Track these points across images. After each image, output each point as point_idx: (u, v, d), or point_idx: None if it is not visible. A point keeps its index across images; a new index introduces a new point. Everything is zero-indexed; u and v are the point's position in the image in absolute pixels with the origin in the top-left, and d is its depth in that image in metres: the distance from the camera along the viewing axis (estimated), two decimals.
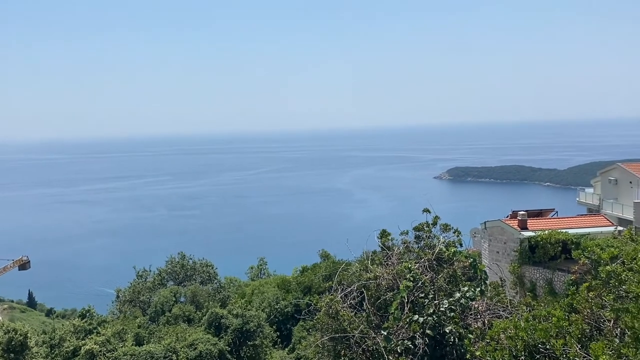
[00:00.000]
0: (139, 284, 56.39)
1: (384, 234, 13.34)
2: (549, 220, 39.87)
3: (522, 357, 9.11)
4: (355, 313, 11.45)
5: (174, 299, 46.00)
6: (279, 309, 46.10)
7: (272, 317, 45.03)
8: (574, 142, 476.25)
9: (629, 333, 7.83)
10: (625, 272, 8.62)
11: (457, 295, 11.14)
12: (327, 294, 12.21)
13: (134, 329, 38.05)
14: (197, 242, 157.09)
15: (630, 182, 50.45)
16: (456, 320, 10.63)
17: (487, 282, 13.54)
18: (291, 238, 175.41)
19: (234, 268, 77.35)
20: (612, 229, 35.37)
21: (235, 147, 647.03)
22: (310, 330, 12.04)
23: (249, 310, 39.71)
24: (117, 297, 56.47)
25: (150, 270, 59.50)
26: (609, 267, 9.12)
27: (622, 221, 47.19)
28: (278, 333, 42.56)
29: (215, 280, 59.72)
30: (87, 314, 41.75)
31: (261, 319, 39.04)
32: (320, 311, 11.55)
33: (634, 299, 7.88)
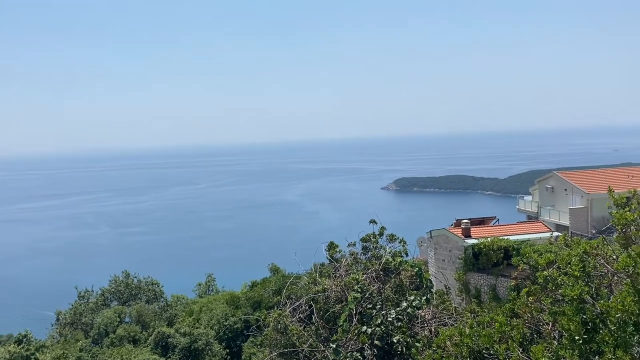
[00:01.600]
0: (80, 305, 54.06)
1: (331, 246, 13.40)
2: (491, 227, 41.26)
3: None
4: (304, 327, 11.41)
5: (118, 319, 44.39)
6: (228, 326, 45.30)
7: (221, 334, 44.24)
8: (514, 152, 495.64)
9: (565, 335, 8.16)
10: (561, 277, 8.99)
11: (404, 304, 11.31)
12: (275, 308, 12.13)
13: (75, 353, 36.41)
14: (142, 260, 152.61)
15: (566, 190, 52.95)
16: (403, 329, 10.77)
17: (433, 290, 13.81)
18: (240, 253, 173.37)
19: (181, 285, 75.45)
20: (550, 234, 36.93)
21: (182, 162, 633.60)
22: (259, 346, 11.90)
23: (197, 328, 38.86)
24: (57, 319, 53.85)
25: (93, 291, 57.25)
26: (546, 272, 9.50)
27: (559, 227, 49.38)
28: (227, 350, 41.83)
29: (162, 299, 58.15)
30: (24, 339, 39.61)
31: (210, 336, 38.26)
32: (268, 326, 11.44)
33: (569, 302, 8.23)
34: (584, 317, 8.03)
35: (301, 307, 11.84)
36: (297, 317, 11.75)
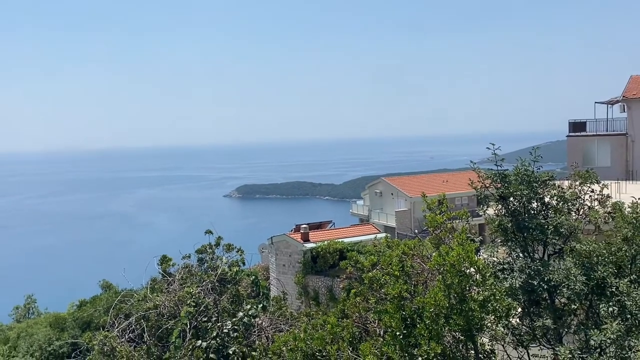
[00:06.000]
0: None
1: (164, 260, 12.85)
2: (328, 231, 43.15)
3: None
4: (135, 347, 10.75)
5: None
6: (51, 351, 41.11)
7: None
8: (347, 159, 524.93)
9: (388, 332, 8.78)
10: (383, 277, 9.68)
11: (240, 314, 11.25)
12: (102, 329, 11.25)
13: None
14: None
15: (392, 194, 57.57)
16: (240, 339, 10.70)
17: (270, 297, 13.97)
18: (67, 270, 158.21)
19: None
20: (376, 236, 39.73)
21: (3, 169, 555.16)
22: None
23: (13, 357, 34.60)
24: None
25: None
26: (370, 273, 10.16)
27: (387, 228, 53.43)
28: None
29: None
30: None
31: None
32: (94, 350, 10.57)
33: (391, 300, 8.87)
34: (404, 313, 8.71)
35: (131, 326, 11.13)
36: (127, 337, 11.02)
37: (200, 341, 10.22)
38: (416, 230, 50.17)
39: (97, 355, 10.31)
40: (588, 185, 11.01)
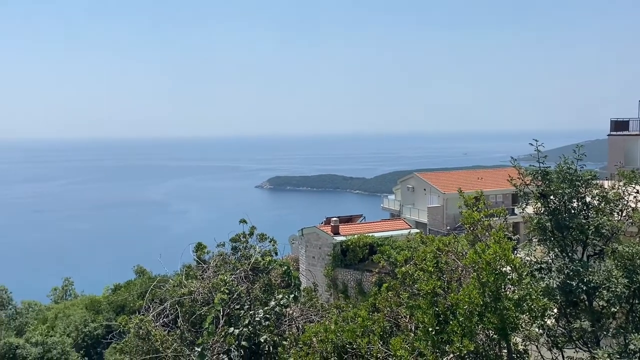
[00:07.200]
0: None
1: (199, 247, 13.04)
2: (358, 225, 43.10)
3: (332, 359, 9.58)
4: (169, 331, 10.96)
5: None
6: (87, 332, 42.39)
7: (79, 341, 41.24)
8: (378, 154, 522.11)
9: (420, 327, 8.72)
10: (417, 272, 9.61)
11: (272, 303, 11.34)
12: (138, 313, 11.52)
13: None
14: None
15: (425, 189, 56.99)
16: (271, 328, 10.80)
17: (301, 288, 14.04)
18: (102, 255, 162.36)
19: (34, 291, 68.91)
20: (408, 232, 39.49)
21: (28, 156, 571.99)
22: (120, 353, 11.22)
23: (51, 336, 35.77)
24: None
25: None
26: (404, 268, 10.10)
27: (418, 224, 53.03)
28: (87, 358, 39.20)
29: (10, 306, 52.63)
30: None
31: (66, 344, 35.44)
32: (129, 333, 10.83)
33: (424, 296, 8.81)
34: (437, 309, 8.64)
35: (166, 311, 11.36)
36: (161, 321, 11.25)
37: (232, 328, 10.35)
38: (448, 227, 49.63)
39: (133, 338, 10.56)
40: (633, 185, 10.67)
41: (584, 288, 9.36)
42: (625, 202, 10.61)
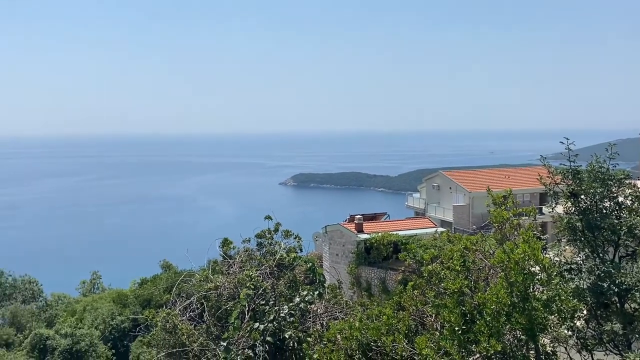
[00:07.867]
0: None
1: (225, 243, 13.15)
2: (382, 223, 42.88)
3: (357, 356, 9.57)
4: (195, 326, 11.09)
5: None
6: (114, 325, 43.15)
7: (106, 334, 42.02)
8: (403, 152, 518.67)
9: (446, 326, 8.65)
10: (443, 271, 9.52)
11: (297, 299, 11.37)
12: (164, 307, 11.68)
13: None
14: (18, 257, 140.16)
15: (450, 188, 56.42)
16: (296, 324, 10.83)
17: (326, 285, 14.05)
18: (129, 249, 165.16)
19: (63, 283, 70.49)
20: (435, 230, 39.14)
21: (60, 152, 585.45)
22: (147, 346, 11.44)
23: (79, 328, 36.58)
24: None
25: None
26: (430, 266, 10.02)
27: (443, 223, 52.54)
28: (114, 351, 39.88)
29: (41, 298, 54.07)
30: None
31: (94, 337, 36.20)
32: (156, 326, 10.99)
33: (450, 295, 8.73)
34: (463, 309, 8.56)
35: (192, 305, 11.49)
36: (187, 315, 11.40)
37: (257, 323, 10.42)
38: (474, 226, 49.06)
39: (160, 331, 10.72)
40: None
41: (616, 290, 9.15)
42: None
